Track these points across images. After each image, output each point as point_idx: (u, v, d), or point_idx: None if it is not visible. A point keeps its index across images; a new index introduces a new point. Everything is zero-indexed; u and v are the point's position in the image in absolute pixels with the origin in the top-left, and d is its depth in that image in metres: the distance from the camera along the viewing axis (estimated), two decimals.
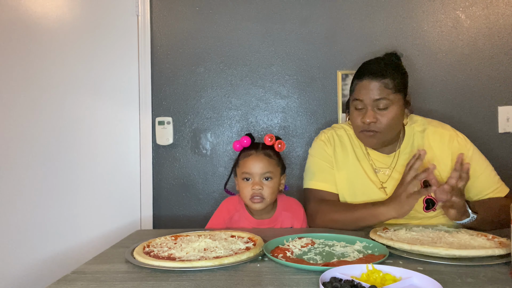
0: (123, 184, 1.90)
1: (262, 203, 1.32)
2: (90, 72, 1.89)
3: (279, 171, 1.37)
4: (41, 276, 1.82)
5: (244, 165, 1.34)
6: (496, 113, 1.88)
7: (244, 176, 1.34)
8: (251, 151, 1.36)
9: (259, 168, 1.31)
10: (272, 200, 1.36)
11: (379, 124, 1.26)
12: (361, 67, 1.33)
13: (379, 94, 1.24)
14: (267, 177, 1.32)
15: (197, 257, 0.92)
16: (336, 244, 1.03)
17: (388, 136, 1.30)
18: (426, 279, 0.72)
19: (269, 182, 1.32)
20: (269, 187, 1.32)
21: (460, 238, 1.03)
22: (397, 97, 1.26)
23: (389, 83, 1.24)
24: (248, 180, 1.33)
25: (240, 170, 1.36)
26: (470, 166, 1.11)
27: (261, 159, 1.33)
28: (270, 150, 1.37)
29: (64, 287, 0.79)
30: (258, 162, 1.32)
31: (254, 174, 1.32)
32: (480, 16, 1.89)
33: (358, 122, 1.30)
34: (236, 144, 1.39)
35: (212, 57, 1.93)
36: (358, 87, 1.28)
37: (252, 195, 1.32)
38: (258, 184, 1.31)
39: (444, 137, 1.34)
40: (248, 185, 1.33)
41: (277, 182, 1.36)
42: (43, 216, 1.85)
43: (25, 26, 1.86)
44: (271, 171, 1.33)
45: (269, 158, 1.34)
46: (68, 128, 1.88)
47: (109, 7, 1.91)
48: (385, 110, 1.25)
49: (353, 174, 1.37)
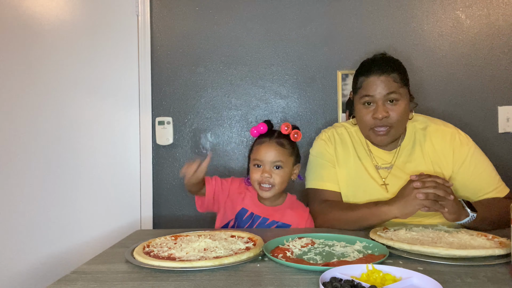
0: (123, 184, 1.90)
1: (271, 191, 1.33)
2: (90, 72, 1.89)
3: (291, 161, 1.36)
4: (41, 276, 1.82)
5: (257, 151, 1.35)
6: (496, 113, 1.88)
7: (255, 162, 1.35)
8: (265, 138, 1.36)
9: (270, 156, 1.32)
10: (281, 190, 1.36)
11: (391, 119, 1.26)
12: (365, 65, 1.33)
13: (389, 88, 1.24)
14: (277, 166, 1.33)
15: (197, 257, 0.92)
16: (336, 244, 1.03)
17: (399, 130, 1.31)
18: (426, 279, 0.72)
19: (279, 171, 1.33)
20: (279, 176, 1.32)
21: (460, 238, 1.03)
22: (404, 91, 1.27)
23: (396, 77, 1.25)
24: (259, 167, 1.34)
25: (253, 156, 1.37)
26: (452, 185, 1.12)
27: (274, 147, 1.33)
28: (285, 139, 1.36)
29: (64, 287, 0.79)
30: (270, 150, 1.32)
31: (264, 162, 1.33)
32: (480, 16, 1.89)
33: (367, 119, 1.29)
34: (254, 130, 1.39)
35: (212, 57, 1.93)
36: (366, 83, 1.28)
37: (261, 182, 1.33)
38: (267, 172, 1.32)
39: (446, 135, 1.34)
40: (258, 171, 1.34)
41: (288, 172, 1.36)
42: (43, 216, 1.85)
43: (25, 26, 1.86)
44: (282, 160, 1.33)
45: (282, 147, 1.34)
46: (68, 128, 1.88)
47: (109, 7, 1.91)
48: (395, 104, 1.25)
49: (354, 172, 1.37)
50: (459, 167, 1.31)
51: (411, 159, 1.34)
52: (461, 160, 1.31)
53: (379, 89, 1.25)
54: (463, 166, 1.30)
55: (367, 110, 1.29)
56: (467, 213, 1.12)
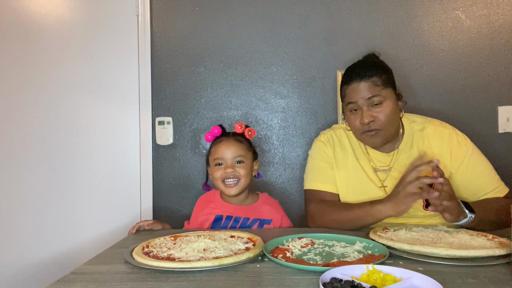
0: (123, 184, 1.90)
1: (237, 186, 1.36)
2: (90, 72, 1.89)
3: (250, 156, 1.42)
4: (41, 276, 1.82)
5: (216, 151, 1.39)
6: (496, 113, 1.87)
7: (217, 162, 1.38)
8: (222, 138, 1.41)
9: (230, 153, 1.36)
10: (246, 184, 1.39)
11: (378, 121, 1.27)
12: (345, 73, 1.35)
13: (371, 92, 1.26)
14: (239, 161, 1.37)
15: (197, 257, 0.92)
16: (336, 245, 1.03)
17: (390, 131, 1.31)
18: (426, 280, 0.72)
19: (242, 165, 1.37)
20: (242, 168, 1.36)
21: (460, 238, 1.03)
22: (388, 92, 1.28)
23: (376, 80, 1.26)
24: (220, 165, 1.37)
25: (212, 157, 1.40)
26: (439, 161, 1.11)
27: (232, 143, 1.38)
28: (241, 136, 1.42)
29: (64, 287, 0.78)
30: (229, 147, 1.37)
31: (226, 159, 1.36)
32: (480, 16, 1.89)
33: (356, 124, 1.31)
34: (208, 135, 1.44)
35: (212, 57, 1.93)
36: (349, 91, 1.30)
37: (225, 178, 1.35)
38: (230, 167, 1.35)
39: (444, 136, 1.34)
40: (220, 169, 1.37)
41: (250, 165, 1.40)
42: (42, 216, 1.84)
43: (25, 26, 1.86)
44: (243, 154, 1.38)
45: (240, 143, 1.39)
46: (68, 128, 1.88)
47: (109, 7, 1.91)
48: (380, 106, 1.26)
49: (353, 174, 1.37)
50: (458, 167, 1.31)
51: (409, 161, 1.34)
52: (459, 161, 1.31)
53: (360, 94, 1.27)
54: (462, 167, 1.30)
55: (354, 116, 1.31)
56: (465, 214, 1.12)
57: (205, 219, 1.40)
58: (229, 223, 1.37)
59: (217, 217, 1.38)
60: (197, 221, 1.42)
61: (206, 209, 1.42)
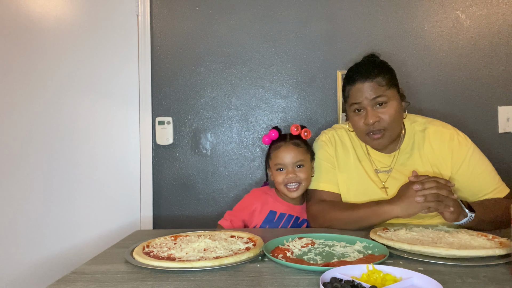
0: (123, 184, 1.90)
1: (299, 189, 1.39)
2: (90, 72, 1.89)
3: (309, 157, 1.43)
4: (41, 276, 1.82)
5: (276, 156, 1.41)
6: (496, 113, 1.88)
7: (278, 167, 1.41)
8: (280, 142, 1.43)
9: (290, 158, 1.39)
10: (307, 186, 1.42)
11: (383, 122, 1.26)
12: (348, 73, 1.34)
13: (375, 93, 1.25)
14: (299, 165, 1.39)
15: (197, 257, 0.92)
16: (336, 244, 1.03)
17: (394, 131, 1.31)
18: (426, 279, 0.72)
19: (302, 169, 1.39)
20: (303, 173, 1.39)
21: (460, 238, 1.03)
22: (392, 92, 1.27)
23: (381, 80, 1.26)
24: (282, 170, 1.40)
25: (273, 162, 1.43)
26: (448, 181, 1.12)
27: (291, 149, 1.40)
28: (298, 139, 1.44)
29: (64, 287, 0.78)
30: (288, 152, 1.39)
31: (286, 164, 1.39)
32: (480, 16, 1.89)
33: (360, 125, 1.30)
34: (265, 138, 1.47)
35: (212, 57, 1.93)
36: (353, 91, 1.29)
37: (287, 183, 1.38)
38: (291, 172, 1.38)
39: (445, 136, 1.34)
40: (282, 174, 1.40)
41: (309, 167, 1.42)
42: (43, 216, 1.84)
43: (25, 26, 1.86)
44: (302, 159, 1.39)
45: (298, 147, 1.41)
46: (68, 128, 1.88)
47: (109, 7, 1.91)
48: (384, 107, 1.26)
49: (354, 175, 1.37)
50: (458, 168, 1.31)
51: (410, 162, 1.34)
52: (460, 161, 1.31)
53: (365, 95, 1.26)
54: (462, 167, 1.30)
55: (359, 117, 1.30)
56: (465, 213, 1.12)
57: (258, 207, 1.43)
58: (280, 222, 1.41)
59: (271, 212, 1.42)
60: (251, 207, 1.44)
61: (263, 197, 1.46)
